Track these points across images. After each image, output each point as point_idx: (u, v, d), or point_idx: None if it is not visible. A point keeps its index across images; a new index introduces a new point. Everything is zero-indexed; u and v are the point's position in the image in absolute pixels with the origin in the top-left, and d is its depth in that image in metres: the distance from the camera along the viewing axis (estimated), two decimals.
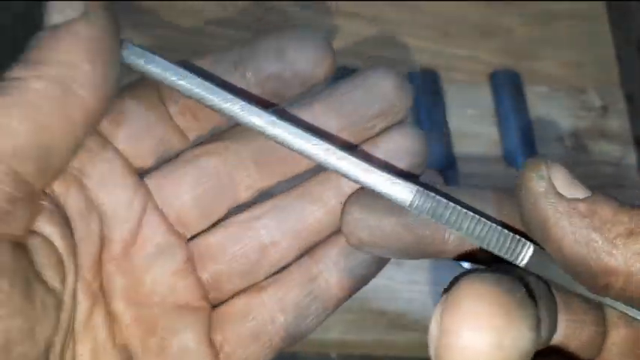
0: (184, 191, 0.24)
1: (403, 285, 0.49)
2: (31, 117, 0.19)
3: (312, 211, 0.25)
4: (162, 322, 0.24)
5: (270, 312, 0.25)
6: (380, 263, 0.26)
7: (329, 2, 0.60)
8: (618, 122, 0.55)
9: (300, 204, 0.25)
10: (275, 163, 0.25)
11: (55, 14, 0.20)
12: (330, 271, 0.25)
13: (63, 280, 0.21)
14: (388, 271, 0.50)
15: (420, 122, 0.55)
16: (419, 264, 0.50)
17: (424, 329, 0.47)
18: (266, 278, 0.25)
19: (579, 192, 0.20)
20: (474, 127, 0.55)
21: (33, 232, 0.21)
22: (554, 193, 0.20)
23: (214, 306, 0.25)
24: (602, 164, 0.54)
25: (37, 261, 0.20)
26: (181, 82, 0.22)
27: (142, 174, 0.24)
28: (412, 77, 0.57)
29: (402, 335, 0.48)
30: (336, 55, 0.25)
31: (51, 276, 0.21)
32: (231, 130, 0.25)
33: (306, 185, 0.25)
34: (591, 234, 0.19)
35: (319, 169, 0.25)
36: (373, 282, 0.49)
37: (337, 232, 0.25)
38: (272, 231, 0.25)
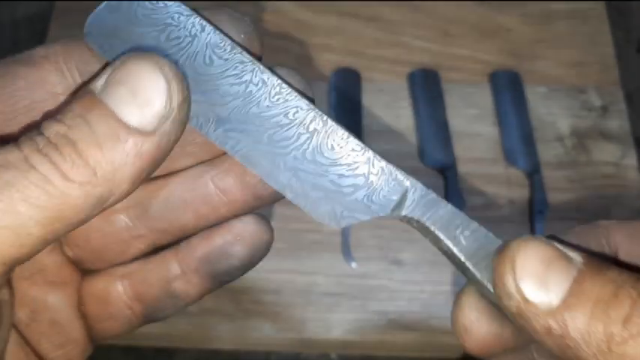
0: None
1: (403, 285, 0.49)
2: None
3: (179, 214, 0.25)
4: (31, 294, 0.24)
5: (130, 301, 0.25)
6: (244, 270, 0.26)
7: (329, 2, 0.60)
8: (618, 122, 0.55)
9: (166, 203, 0.25)
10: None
11: None
12: (191, 275, 0.25)
13: None
14: (388, 271, 0.50)
15: (420, 122, 0.55)
16: (419, 264, 0.50)
17: (424, 329, 0.48)
18: (131, 263, 0.26)
19: (553, 289, 0.19)
20: (474, 127, 0.55)
21: None
22: (527, 312, 0.19)
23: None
24: (602, 164, 0.54)
25: None
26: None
27: None
28: (412, 77, 0.57)
29: (402, 335, 0.48)
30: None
31: None
32: None
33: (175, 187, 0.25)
34: (572, 352, 0.18)
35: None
36: (373, 282, 0.49)
37: (203, 233, 0.25)
38: (136, 224, 0.25)
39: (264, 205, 0.25)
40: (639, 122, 0.55)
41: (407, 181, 0.22)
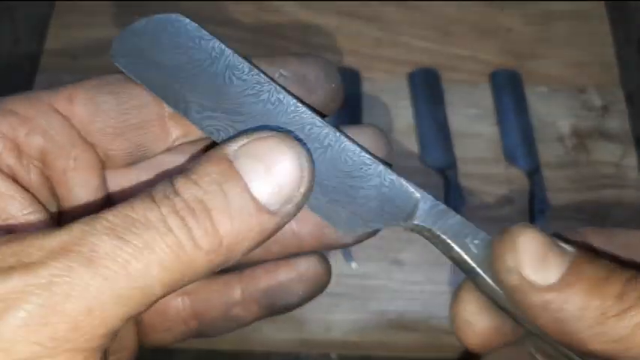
0: None
1: (403, 285, 0.49)
2: None
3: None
4: None
5: (188, 317, 0.26)
6: (299, 305, 0.26)
7: (329, 2, 0.60)
8: (618, 122, 0.55)
9: None
10: None
11: None
12: (251, 303, 0.26)
13: None
14: (388, 271, 0.50)
15: (420, 122, 0.55)
16: (419, 264, 0.50)
17: (424, 329, 0.48)
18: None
19: (552, 270, 0.20)
20: (474, 127, 0.55)
21: None
22: (526, 287, 0.20)
23: None
24: (602, 164, 0.54)
25: None
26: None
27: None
28: (412, 77, 0.57)
29: (402, 335, 0.48)
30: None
31: None
32: None
33: None
34: (567, 326, 0.20)
35: None
36: (373, 282, 0.49)
37: (268, 265, 0.26)
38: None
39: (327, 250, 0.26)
40: (639, 122, 0.55)
41: (417, 193, 0.23)
